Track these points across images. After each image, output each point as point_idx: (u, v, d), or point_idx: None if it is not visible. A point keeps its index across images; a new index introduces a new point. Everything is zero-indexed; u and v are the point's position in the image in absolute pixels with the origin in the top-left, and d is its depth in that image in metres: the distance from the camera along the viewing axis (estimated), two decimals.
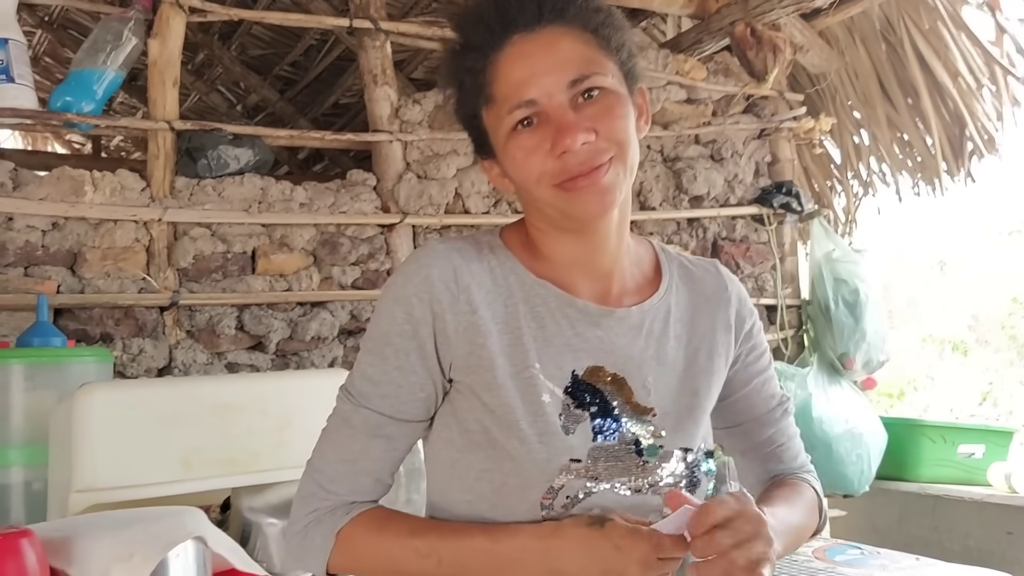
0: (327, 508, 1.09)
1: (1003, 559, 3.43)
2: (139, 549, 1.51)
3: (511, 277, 1.11)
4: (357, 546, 1.07)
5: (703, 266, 1.26)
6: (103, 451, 1.86)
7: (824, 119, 3.99)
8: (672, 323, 1.17)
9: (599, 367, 1.10)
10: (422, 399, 1.09)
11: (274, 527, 1.94)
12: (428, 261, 1.08)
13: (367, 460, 1.09)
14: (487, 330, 1.07)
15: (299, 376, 2.55)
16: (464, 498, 1.08)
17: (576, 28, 1.04)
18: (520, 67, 1.02)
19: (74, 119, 2.72)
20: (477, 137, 1.13)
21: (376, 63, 3.21)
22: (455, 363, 1.07)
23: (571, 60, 1.02)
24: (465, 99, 1.11)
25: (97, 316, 2.71)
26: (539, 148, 1.02)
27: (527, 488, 1.04)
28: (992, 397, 9.34)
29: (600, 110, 1.02)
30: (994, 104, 3.92)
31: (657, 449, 1.10)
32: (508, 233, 1.17)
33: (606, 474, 1.06)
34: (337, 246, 3.06)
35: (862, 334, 3.69)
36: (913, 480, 3.86)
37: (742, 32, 3.80)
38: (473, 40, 1.06)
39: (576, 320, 1.11)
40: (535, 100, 1.02)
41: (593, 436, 1.07)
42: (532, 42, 1.03)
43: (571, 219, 1.07)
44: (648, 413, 1.11)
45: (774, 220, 3.93)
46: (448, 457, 1.11)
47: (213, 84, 5.59)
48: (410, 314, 1.06)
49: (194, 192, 2.87)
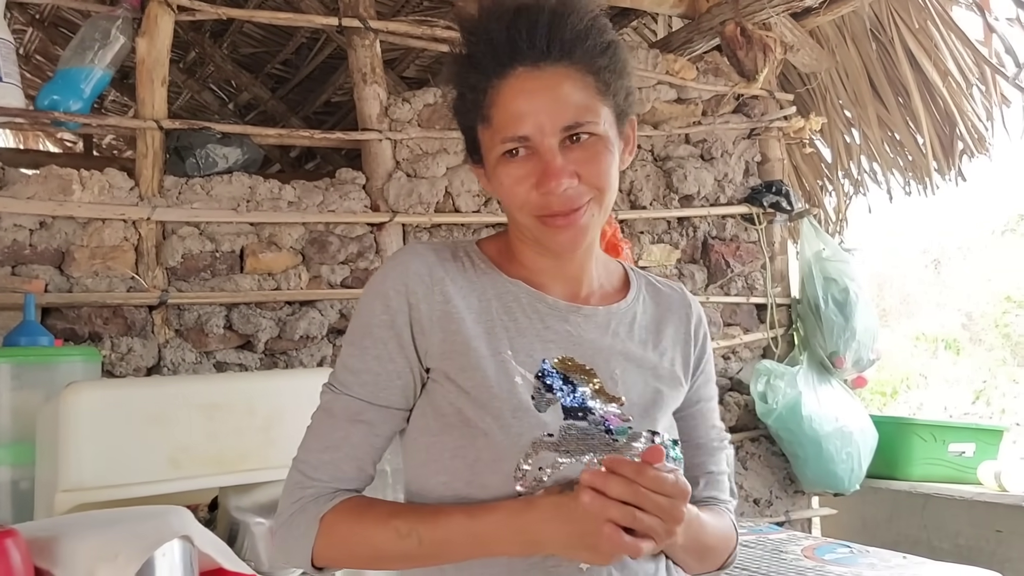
0: (311, 496, 1.12)
1: (992, 557, 3.44)
2: (124, 548, 1.50)
3: (484, 277, 1.17)
4: (339, 531, 1.09)
5: (670, 285, 1.33)
6: (90, 450, 1.86)
7: (814, 118, 3.99)
8: (637, 329, 1.22)
9: (569, 357, 1.14)
10: (400, 387, 1.13)
11: (262, 526, 1.94)
12: (405, 258, 1.15)
13: (349, 446, 1.13)
14: (461, 318, 1.12)
15: (287, 375, 2.55)
16: (440, 479, 1.10)
17: (580, 70, 1.08)
18: (520, 101, 1.07)
19: (61, 118, 2.72)
20: (471, 144, 1.18)
21: (365, 62, 3.21)
22: (430, 351, 1.12)
23: (569, 106, 1.06)
24: (464, 110, 1.15)
25: (85, 315, 2.71)
26: (525, 180, 1.08)
27: (500, 461, 1.07)
28: (985, 395, 9.37)
29: (587, 156, 1.08)
30: (984, 103, 3.93)
31: (627, 429, 1.13)
32: (484, 243, 1.23)
33: (577, 449, 1.08)
34: (326, 245, 3.05)
35: (852, 333, 3.70)
36: (904, 479, 3.87)
37: (732, 32, 3.80)
38: (479, 59, 1.10)
39: (546, 315, 1.16)
40: (528, 137, 1.07)
41: (564, 415, 1.10)
42: (535, 80, 1.07)
43: (544, 248, 1.14)
44: (616, 401, 1.14)
45: (764, 219, 3.93)
46: (423, 442, 1.13)
47: (205, 82, 5.59)
48: (387, 306, 1.12)
49: (182, 191, 2.86)
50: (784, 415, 3.59)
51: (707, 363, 1.31)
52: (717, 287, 3.84)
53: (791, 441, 3.66)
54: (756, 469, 3.84)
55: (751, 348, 3.96)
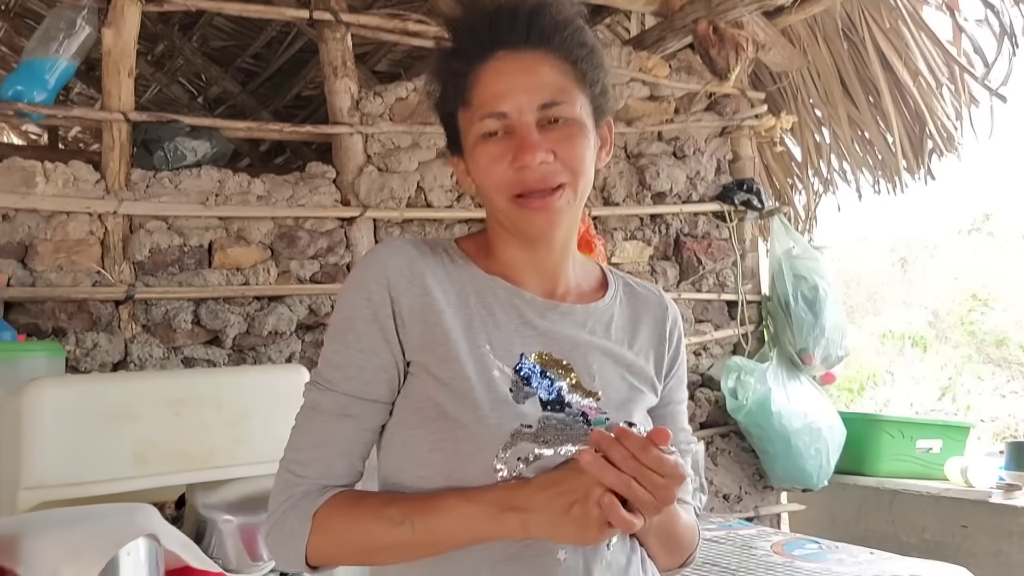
0: (301, 493, 1.12)
1: (958, 552, 3.49)
2: (89, 547, 1.48)
3: (463, 273, 1.18)
4: (333, 525, 1.09)
5: (647, 288, 1.34)
6: (53, 447, 1.83)
7: (785, 117, 4.02)
8: (614, 329, 1.23)
9: (547, 352, 1.15)
10: (385, 380, 1.13)
11: (230, 524, 1.92)
12: (384, 252, 1.16)
13: (337, 442, 1.13)
14: (440, 310, 1.12)
15: (255, 371, 2.52)
16: (418, 473, 1.10)
17: (558, 57, 1.12)
18: (499, 81, 1.10)
19: (25, 109, 2.67)
20: (451, 134, 1.20)
21: (336, 55, 3.18)
22: (411, 343, 1.12)
23: (546, 85, 1.10)
24: (445, 98, 1.18)
25: (49, 310, 2.66)
26: (502, 158, 1.10)
27: (479, 453, 1.07)
28: (951, 392, 9.50)
29: (563, 136, 1.10)
30: (953, 103, 3.97)
31: (604, 420, 1.14)
32: (462, 241, 1.24)
33: (556, 440, 1.09)
34: (295, 239, 3.03)
35: (821, 330, 3.73)
36: (871, 475, 3.91)
37: (705, 30, 3.81)
38: (462, 46, 1.14)
39: (524, 310, 1.17)
40: (506, 113, 1.10)
41: (542, 407, 1.11)
42: (515, 61, 1.11)
43: (521, 232, 1.15)
44: (593, 396, 1.15)
45: (735, 217, 3.95)
46: (401, 437, 1.13)
47: (174, 75, 5.53)
48: (369, 299, 1.12)
49: (150, 184, 2.83)
50: (754, 411, 3.61)
51: (680, 366, 1.32)
52: (689, 284, 3.86)
53: (760, 437, 3.68)
54: (726, 465, 3.86)
55: (722, 344, 3.98)
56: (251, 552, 1.92)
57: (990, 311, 10.64)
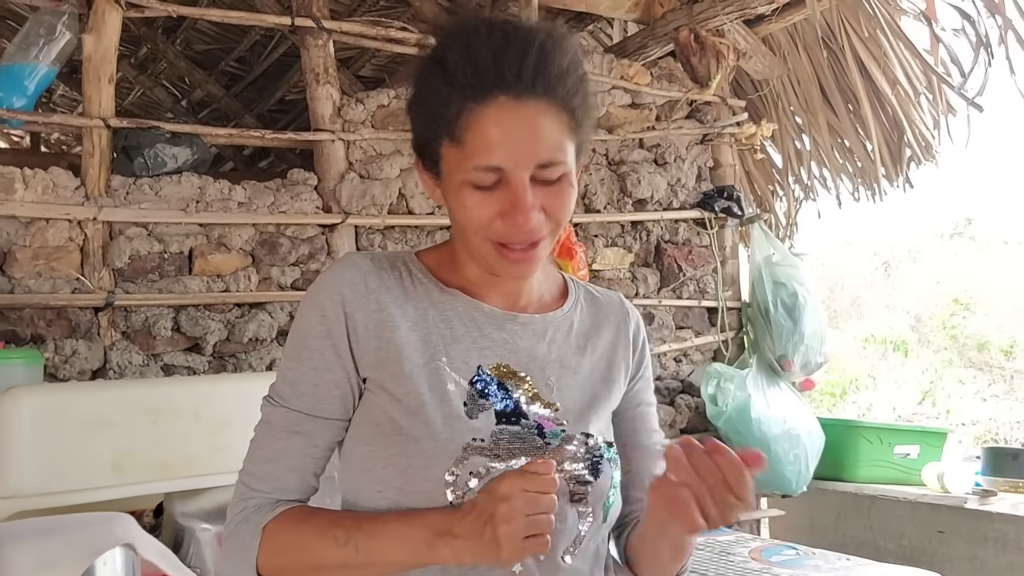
0: (254, 506, 1.12)
1: (934, 557, 3.51)
2: (64, 557, 1.48)
3: (420, 287, 1.17)
4: (280, 540, 1.09)
5: (609, 295, 1.33)
6: (30, 456, 1.83)
7: (766, 125, 4.04)
8: (574, 336, 1.24)
9: (504, 364, 1.15)
10: (338, 396, 1.13)
11: (208, 532, 1.92)
12: (340, 268, 1.15)
13: (289, 457, 1.13)
14: (395, 326, 1.12)
15: (234, 379, 2.52)
16: (374, 488, 1.11)
17: (557, 106, 1.06)
18: (499, 131, 1.04)
19: (4, 115, 2.66)
20: (424, 148, 1.14)
21: (319, 62, 3.18)
22: (365, 360, 1.12)
23: (545, 142, 1.05)
24: (428, 119, 1.11)
25: (27, 317, 2.65)
26: (490, 207, 1.06)
27: (430, 468, 1.07)
28: (932, 396, 9.56)
29: (554, 192, 1.07)
30: (931, 112, 4.01)
31: (560, 432, 1.14)
32: (424, 254, 1.23)
33: (508, 453, 1.10)
34: (276, 246, 3.03)
35: (800, 336, 3.75)
36: (850, 480, 3.93)
37: (686, 38, 3.84)
38: (457, 76, 1.05)
39: (482, 323, 1.17)
40: (502, 168, 1.05)
41: (497, 420, 1.11)
42: (516, 111, 1.04)
43: (494, 272, 1.13)
44: (551, 407, 1.16)
45: (716, 224, 3.97)
46: (358, 452, 1.14)
47: (157, 79, 5.51)
48: (323, 316, 1.12)
49: (130, 191, 2.82)
50: (734, 417, 3.63)
51: (646, 368, 1.32)
52: (669, 290, 3.88)
53: (740, 443, 3.69)
54: None
55: (702, 351, 4.00)
56: None
57: (972, 315, 10.72)
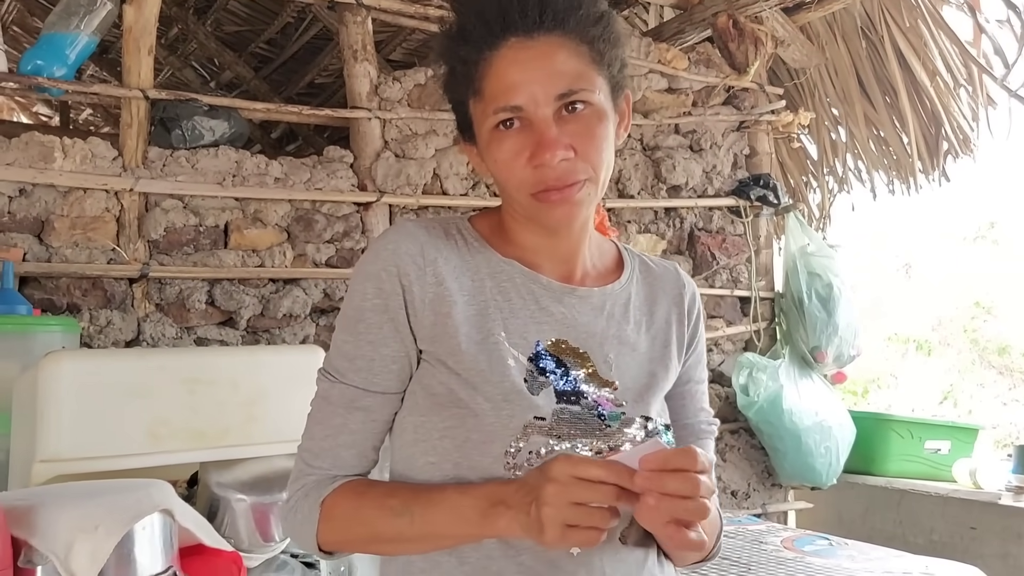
0: (312, 483, 1.12)
1: (965, 553, 3.47)
2: (104, 520, 1.47)
3: (478, 256, 1.14)
4: (339, 514, 1.09)
5: (663, 264, 1.30)
6: (68, 421, 1.82)
7: (803, 113, 4.00)
8: (632, 310, 1.20)
9: (563, 340, 1.12)
10: (395, 371, 1.11)
11: (243, 503, 1.91)
12: (396, 238, 1.12)
13: (347, 433, 1.12)
14: (452, 300, 1.09)
15: (272, 351, 2.50)
16: (428, 459, 1.09)
17: (573, 39, 1.04)
18: (513, 71, 1.03)
19: (45, 83, 2.65)
20: (462, 121, 1.14)
21: (357, 39, 3.16)
22: (423, 333, 1.10)
23: (563, 73, 1.03)
24: (455, 85, 1.11)
25: (64, 286, 2.65)
26: (519, 155, 1.05)
27: (490, 443, 1.05)
28: (952, 397, 9.49)
29: (582, 128, 1.05)
30: (970, 104, 3.95)
31: (619, 415, 1.11)
32: (476, 219, 1.20)
33: (569, 434, 1.07)
34: (312, 223, 3.01)
35: (834, 328, 3.71)
36: (880, 474, 3.90)
37: (724, 24, 3.80)
38: (469, 32, 1.06)
39: (540, 296, 1.14)
40: (522, 107, 1.03)
41: (557, 399, 1.09)
42: (528, 49, 1.03)
43: (539, 223, 1.11)
44: (610, 386, 1.12)
45: (750, 212, 3.94)
46: (412, 422, 1.12)
47: (187, 59, 5.51)
48: (380, 288, 1.09)
49: (167, 163, 2.81)
50: (765, 408, 3.60)
51: (699, 342, 1.28)
52: (702, 279, 3.84)
53: (771, 434, 3.67)
54: (735, 461, 3.85)
55: (734, 341, 3.97)
56: (263, 532, 1.92)
57: (993, 319, 10.62)
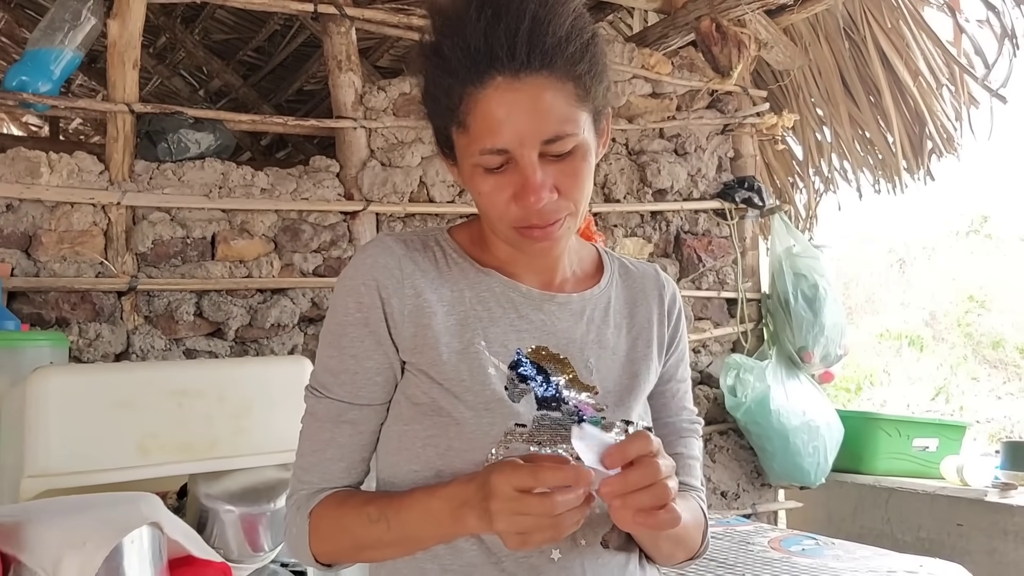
0: (304, 497, 1.15)
1: (953, 551, 3.50)
2: (93, 535, 1.48)
3: (456, 268, 1.16)
4: (324, 525, 1.11)
5: (643, 267, 1.31)
6: (57, 436, 1.83)
7: (787, 115, 4.02)
8: (612, 313, 1.22)
9: (543, 347, 1.14)
10: (380, 383, 1.13)
11: (231, 514, 1.93)
12: (373, 252, 1.13)
13: (335, 447, 1.14)
14: (432, 311, 1.11)
15: (258, 363, 2.52)
16: (411, 468, 1.10)
17: (560, 78, 1.02)
18: (499, 113, 1.01)
19: (30, 99, 2.67)
20: (442, 139, 1.13)
21: (341, 49, 3.18)
22: (403, 345, 1.11)
23: (550, 117, 1.01)
24: (438, 111, 1.09)
25: (52, 300, 2.67)
26: (503, 191, 1.04)
27: (471, 451, 1.07)
28: (945, 392, 9.51)
29: (567, 170, 1.04)
30: (953, 103, 3.98)
31: (599, 420, 1.13)
32: (456, 230, 1.21)
33: (549, 440, 1.08)
34: (299, 233, 3.03)
35: (820, 328, 3.74)
36: (868, 473, 3.92)
37: (707, 27, 3.82)
38: (453, 63, 1.03)
39: (520, 304, 1.15)
40: (508, 149, 1.02)
41: (538, 406, 1.10)
42: (515, 91, 1.01)
43: (519, 253, 1.13)
44: (590, 390, 1.14)
45: (736, 215, 3.96)
46: (396, 431, 1.14)
47: (175, 68, 5.52)
48: (360, 302, 1.11)
49: (154, 176, 2.83)
50: (752, 409, 3.62)
51: (680, 341, 1.29)
52: (689, 281, 3.86)
53: (759, 435, 3.69)
54: (724, 462, 3.88)
55: (721, 342, 3.99)
56: (252, 542, 1.93)
57: (987, 313, 10.65)
